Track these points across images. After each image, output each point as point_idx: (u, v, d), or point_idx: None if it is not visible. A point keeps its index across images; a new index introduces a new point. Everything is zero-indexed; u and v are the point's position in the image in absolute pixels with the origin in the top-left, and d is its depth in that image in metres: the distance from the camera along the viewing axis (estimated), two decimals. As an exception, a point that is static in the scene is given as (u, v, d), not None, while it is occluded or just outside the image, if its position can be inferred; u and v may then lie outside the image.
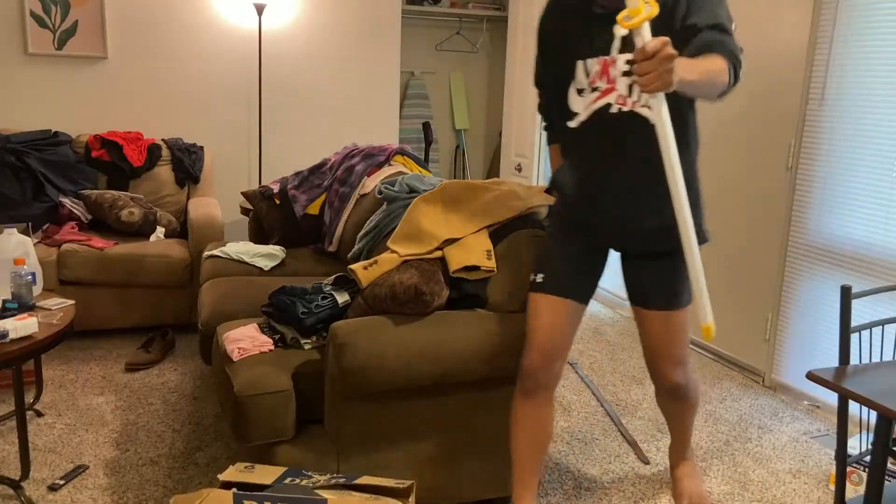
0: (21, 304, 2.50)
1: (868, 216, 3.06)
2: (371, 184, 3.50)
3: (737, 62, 1.76)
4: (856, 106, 3.10)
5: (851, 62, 3.11)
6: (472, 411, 2.27)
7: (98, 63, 4.52)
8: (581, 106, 1.99)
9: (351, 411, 2.13)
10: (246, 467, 1.98)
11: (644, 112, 1.88)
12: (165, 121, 4.72)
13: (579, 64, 1.96)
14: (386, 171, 3.56)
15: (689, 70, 1.61)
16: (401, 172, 3.49)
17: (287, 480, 1.91)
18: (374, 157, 3.69)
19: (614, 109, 1.92)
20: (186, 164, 4.39)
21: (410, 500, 1.92)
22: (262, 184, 4.77)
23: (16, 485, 2.40)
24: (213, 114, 4.83)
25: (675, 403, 2.32)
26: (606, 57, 1.91)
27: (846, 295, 1.87)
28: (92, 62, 4.51)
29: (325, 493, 1.81)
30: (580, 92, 1.98)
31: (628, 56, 1.82)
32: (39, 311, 2.55)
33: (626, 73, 1.87)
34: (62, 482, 2.47)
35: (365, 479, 1.94)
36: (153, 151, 4.35)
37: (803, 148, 3.36)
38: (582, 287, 2.10)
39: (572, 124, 2.01)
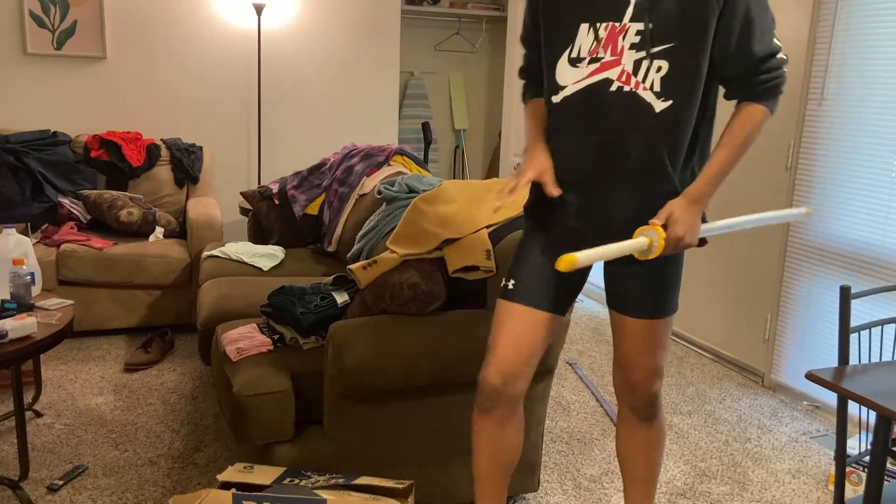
0: (20, 305, 2.49)
1: (868, 216, 3.06)
2: (370, 184, 3.50)
3: (780, 93, 1.64)
4: (855, 105, 3.10)
5: (851, 62, 3.11)
6: (471, 411, 2.27)
7: (97, 63, 4.52)
8: (572, 78, 1.66)
9: (350, 411, 2.13)
10: (245, 467, 1.98)
11: (648, 97, 1.60)
12: (164, 121, 4.72)
13: (583, 27, 1.62)
14: (385, 172, 3.55)
15: (711, 187, 1.61)
16: (400, 172, 3.49)
17: (286, 481, 1.91)
18: (374, 157, 3.69)
19: (614, 87, 1.61)
20: (185, 164, 4.38)
21: (410, 500, 1.92)
22: (262, 184, 4.76)
23: (15, 485, 2.40)
24: (212, 114, 4.83)
25: (644, 429, 1.92)
26: (616, 23, 1.59)
27: (845, 295, 1.87)
28: (91, 62, 4.51)
29: (324, 494, 1.81)
30: (574, 62, 1.65)
31: (640, 26, 1.56)
32: (38, 312, 2.54)
33: (635, 46, 1.58)
34: (61, 482, 2.47)
35: (364, 480, 1.94)
36: (152, 151, 4.35)
37: (803, 148, 3.36)
38: (560, 296, 1.79)
39: (556, 99, 1.69)
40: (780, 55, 1.62)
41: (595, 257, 1.50)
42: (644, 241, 1.57)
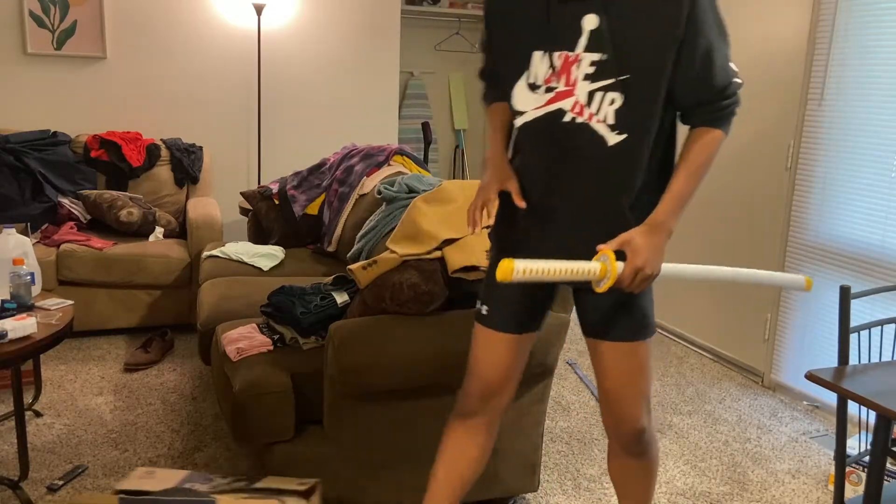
0: (20, 305, 2.49)
1: (867, 216, 3.06)
2: (370, 184, 3.50)
3: (734, 116, 1.61)
4: (855, 106, 3.10)
5: (851, 62, 3.11)
6: (471, 411, 2.27)
7: (97, 63, 4.52)
8: (531, 104, 1.61)
9: (350, 411, 2.13)
10: (147, 472, 2.00)
11: (601, 129, 1.55)
12: (164, 121, 4.72)
13: (536, 55, 1.57)
14: (385, 172, 3.55)
15: (672, 216, 1.54)
16: (400, 172, 3.49)
17: (187, 485, 1.93)
18: (374, 157, 3.69)
19: (567, 119, 1.57)
20: (185, 164, 4.38)
21: (314, 499, 1.93)
22: (262, 184, 4.76)
23: (14, 485, 2.40)
24: (212, 114, 4.83)
25: (636, 462, 1.85)
26: (569, 52, 1.53)
27: (845, 295, 1.87)
28: (91, 62, 4.51)
29: (217, 496, 1.84)
30: (533, 87, 1.60)
31: (595, 56, 1.51)
32: (38, 312, 2.54)
33: (588, 77, 1.53)
34: (61, 482, 2.46)
35: (268, 481, 1.96)
36: (152, 151, 4.35)
37: (802, 148, 3.36)
38: (533, 316, 1.78)
39: (518, 122, 1.66)
40: (736, 80, 1.59)
41: (537, 270, 1.41)
42: (597, 267, 1.46)
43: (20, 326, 2.29)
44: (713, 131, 1.58)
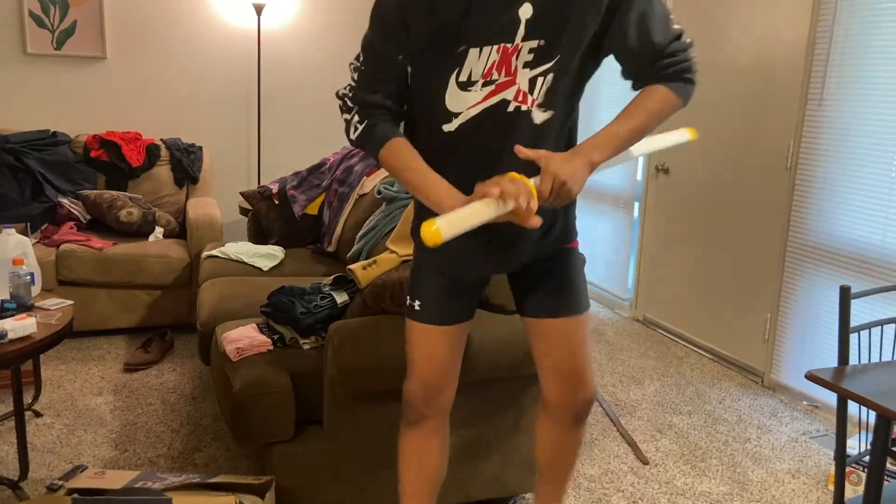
0: (20, 305, 2.49)
1: (867, 216, 3.06)
2: (370, 184, 3.50)
3: (689, 81, 1.56)
4: (855, 106, 3.10)
5: (851, 62, 3.11)
6: (470, 411, 2.27)
7: (97, 63, 4.52)
8: (465, 104, 1.53)
9: (350, 411, 2.13)
10: (97, 472, 2.01)
11: (540, 114, 1.54)
12: (164, 121, 4.72)
13: (473, 52, 1.50)
14: (385, 171, 3.55)
15: (597, 149, 1.46)
16: (400, 172, 3.48)
17: (139, 484, 1.93)
18: (374, 158, 3.69)
19: (511, 108, 1.53)
20: (185, 164, 4.38)
21: (268, 495, 1.94)
22: (261, 184, 4.76)
23: (14, 485, 2.40)
24: (211, 114, 4.83)
25: (579, 431, 1.89)
26: (508, 44, 1.49)
27: (845, 295, 1.87)
28: (91, 62, 4.50)
29: (173, 494, 1.84)
30: (465, 86, 1.53)
31: (533, 44, 1.49)
32: (38, 312, 2.54)
33: (528, 65, 1.50)
34: (60, 483, 2.46)
35: (222, 478, 1.96)
36: (152, 151, 4.35)
37: (802, 148, 3.36)
38: (465, 307, 1.77)
39: (449, 127, 1.55)
40: (683, 39, 1.55)
41: (461, 220, 1.32)
42: (514, 191, 1.35)
43: (20, 326, 2.29)
44: (659, 88, 1.54)
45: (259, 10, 4.54)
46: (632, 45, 1.53)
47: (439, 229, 1.29)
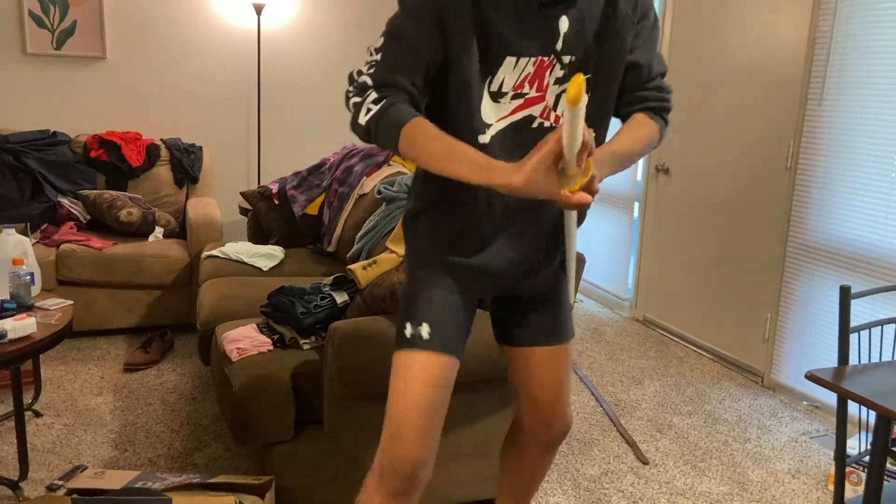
0: (19, 305, 2.49)
1: (867, 216, 3.06)
2: (370, 184, 3.50)
3: (667, 123, 1.55)
4: (855, 106, 3.10)
5: (851, 62, 3.11)
6: (470, 411, 2.27)
7: (97, 63, 4.52)
8: (495, 115, 1.46)
9: (350, 411, 2.13)
10: (97, 473, 2.00)
11: None
12: (164, 121, 4.72)
13: (509, 60, 1.42)
14: (385, 171, 3.55)
15: (600, 167, 1.35)
16: (400, 172, 3.49)
17: (139, 484, 1.93)
18: (374, 157, 3.69)
19: (535, 124, 1.46)
20: (185, 164, 4.38)
21: (268, 495, 1.94)
22: (261, 184, 4.76)
23: (14, 485, 2.40)
24: (211, 114, 4.83)
25: (549, 457, 1.84)
26: (545, 57, 1.43)
27: (845, 295, 1.87)
28: (90, 62, 4.50)
29: (173, 494, 1.84)
30: (495, 97, 1.45)
31: (566, 59, 1.45)
32: (38, 312, 2.54)
33: (559, 81, 1.45)
34: (60, 483, 2.46)
35: (222, 478, 1.96)
36: (152, 151, 4.35)
37: (803, 148, 3.36)
38: (462, 342, 1.59)
39: (483, 139, 1.46)
40: (666, 81, 1.57)
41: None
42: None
43: (20, 326, 2.29)
44: (649, 122, 1.51)
45: (259, 9, 4.54)
46: (639, 60, 1.52)
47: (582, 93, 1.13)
